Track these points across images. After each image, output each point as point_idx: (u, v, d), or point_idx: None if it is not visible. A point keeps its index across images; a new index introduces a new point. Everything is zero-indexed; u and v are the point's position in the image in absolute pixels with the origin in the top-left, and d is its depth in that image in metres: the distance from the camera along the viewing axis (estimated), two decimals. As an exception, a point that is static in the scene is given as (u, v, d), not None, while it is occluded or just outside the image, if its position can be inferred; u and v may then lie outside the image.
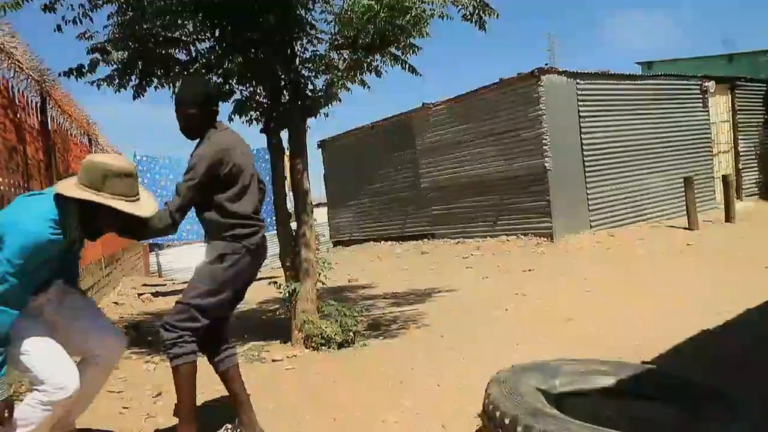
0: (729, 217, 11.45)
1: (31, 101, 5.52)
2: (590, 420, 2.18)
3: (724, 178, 11.93)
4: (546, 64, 11.33)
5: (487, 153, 11.84)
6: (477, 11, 4.76)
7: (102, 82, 5.07)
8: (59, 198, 2.41)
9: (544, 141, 10.67)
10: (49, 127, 6.01)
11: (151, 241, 11.76)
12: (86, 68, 4.92)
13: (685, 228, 10.85)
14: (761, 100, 14.80)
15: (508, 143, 11.37)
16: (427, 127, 13.16)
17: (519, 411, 2.29)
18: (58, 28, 4.77)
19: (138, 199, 2.52)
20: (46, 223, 2.33)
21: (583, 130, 11.08)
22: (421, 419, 3.14)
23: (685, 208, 11.08)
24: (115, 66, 4.98)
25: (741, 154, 14.31)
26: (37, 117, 5.66)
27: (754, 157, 14.58)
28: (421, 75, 5.43)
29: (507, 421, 2.27)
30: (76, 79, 4.95)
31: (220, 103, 5.32)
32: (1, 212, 2.53)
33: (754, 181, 14.59)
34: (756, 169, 14.64)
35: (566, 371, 2.90)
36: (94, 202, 2.40)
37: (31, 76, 5.38)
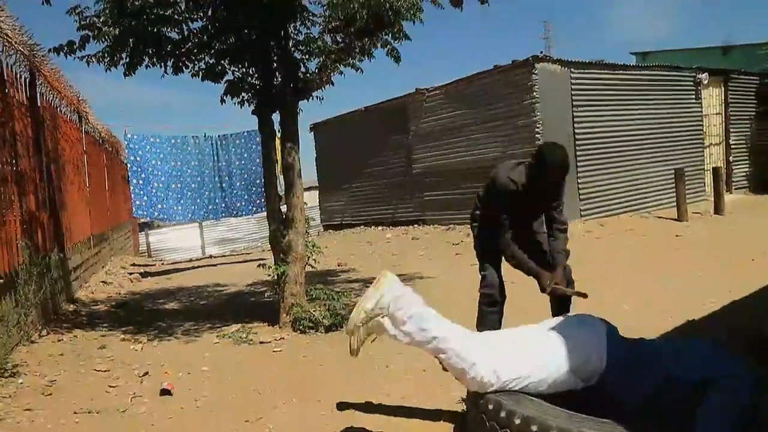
0: (718, 209, 11.50)
1: (20, 76, 5.45)
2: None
3: (715, 170, 11.95)
4: (541, 52, 11.30)
5: (480, 140, 11.82)
6: None
7: (92, 59, 5.01)
8: None
9: (536, 129, 10.65)
10: (39, 104, 5.95)
11: (140, 221, 11.71)
12: (76, 44, 4.86)
13: (674, 219, 10.91)
14: (754, 93, 14.79)
15: (501, 130, 11.34)
16: (420, 113, 13.12)
17: (503, 397, 2.32)
18: (47, 0, 4.68)
19: None
20: None
21: (575, 119, 11.06)
22: (407, 403, 3.17)
23: (675, 199, 11.14)
24: (106, 43, 4.92)
25: (732, 146, 14.34)
26: (25, 93, 5.59)
27: (745, 149, 14.63)
28: (399, 62, 5.36)
29: (491, 407, 2.30)
30: (66, 56, 4.88)
31: (213, 84, 5.32)
32: None
33: (744, 173, 14.63)
34: (746, 162, 14.68)
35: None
36: None
37: (20, 51, 5.30)
